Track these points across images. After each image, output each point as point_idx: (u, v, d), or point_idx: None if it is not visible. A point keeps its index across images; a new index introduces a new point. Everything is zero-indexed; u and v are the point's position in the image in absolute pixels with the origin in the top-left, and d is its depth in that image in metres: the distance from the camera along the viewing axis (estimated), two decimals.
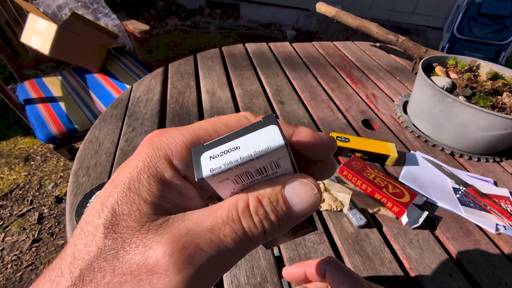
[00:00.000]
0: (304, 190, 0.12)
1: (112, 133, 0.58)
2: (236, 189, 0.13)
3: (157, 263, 0.10)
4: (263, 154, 0.11)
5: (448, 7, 2.48)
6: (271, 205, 0.12)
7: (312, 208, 0.13)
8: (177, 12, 3.06)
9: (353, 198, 0.46)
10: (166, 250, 0.10)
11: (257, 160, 0.12)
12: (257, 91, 0.75)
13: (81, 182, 0.47)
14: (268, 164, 0.12)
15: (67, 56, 1.12)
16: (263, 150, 0.11)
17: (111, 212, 0.11)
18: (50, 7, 1.18)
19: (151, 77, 0.78)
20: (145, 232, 0.11)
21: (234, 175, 0.12)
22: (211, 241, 0.11)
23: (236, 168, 0.11)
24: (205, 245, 0.11)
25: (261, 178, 0.13)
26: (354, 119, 0.68)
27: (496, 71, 0.64)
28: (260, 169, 0.12)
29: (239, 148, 0.12)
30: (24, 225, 1.15)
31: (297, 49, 1.01)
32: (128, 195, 0.12)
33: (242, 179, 0.12)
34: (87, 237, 0.11)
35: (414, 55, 0.88)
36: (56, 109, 1.03)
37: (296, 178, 0.13)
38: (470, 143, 0.57)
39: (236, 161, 0.11)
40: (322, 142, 0.14)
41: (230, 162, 0.11)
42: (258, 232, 0.12)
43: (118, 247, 0.11)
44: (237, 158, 0.11)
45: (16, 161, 1.41)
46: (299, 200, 0.12)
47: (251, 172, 0.12)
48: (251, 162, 0.11)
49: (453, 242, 0.43)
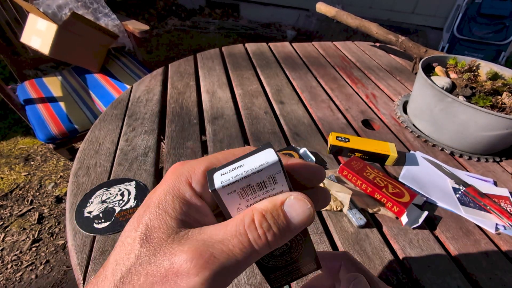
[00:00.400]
0: (299, 206, 0.15)
1: (112, 133, 0.58)
2: (241, 204, 0.15)
3: (181, 267, 0.13)
4: (262, 168, 0.14)
5: (448, 7, 2.48)
6: (273, 219, 0.14)
7: (308, 221, 0.15)
8: (177, 12, 3.06)
9: (353, 198, 0.46)
10: (187, 257, 0.13)
11: (258, 174, 0.14)
12: (257, 91, 0.75)
13: (81, 182, 0.47)
14: (267, 179, 0.15)
15: (67, 56, 1.12)
16: (262, 165, 0.14)
17: (145, 227, 0.14)
18: (50, 7, 1.18)
19: (151, 77, 0.78)
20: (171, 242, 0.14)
21: (239, 187, 0.14)
22: (222, 251, 0.13)
23: (241, 180, 0.14)
24: (218, 254, 0.13)
25: (262, 193, 0.15)
26: (354, 119, 0.68)
27: (496, 71, 0.64)
28: (261, 184, 0.15)
29: (243, 166, 0.14)
30: (24, 225, 1.15)
31: (297, 49, 1.01)
32: (158, 213, 0.15)
33: (246, 193, 0.15)
34: (127, 247, 0.14)
35: (414, 55, 0.88)
36: (56, 109, 1.03)
37: (292, 195, 0.15)
38: (470, 143, 0.57)
39: (241, 174, 0.14)
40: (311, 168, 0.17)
41: (236, 175, 0.14)
42: (262, 243, 0.14)
43: (151, 254, 0.14)
44: (241, 172, 0.14)
45: (16, 161, 1.41)
46: (296, 214, 0.15)
47: (254, 186, 0.15)
48: (253, 175, 0.14)
49: (453, 242, 0.43)
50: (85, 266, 0.36)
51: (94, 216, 0.42)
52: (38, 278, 1.00)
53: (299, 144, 0.59)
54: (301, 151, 0.53)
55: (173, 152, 0.54)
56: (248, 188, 0.15)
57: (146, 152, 0.54)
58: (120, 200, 0.44)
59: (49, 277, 1.01)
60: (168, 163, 0.52)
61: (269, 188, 0.15)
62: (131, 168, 0.50)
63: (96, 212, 0.42)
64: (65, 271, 1.03)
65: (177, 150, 0.55)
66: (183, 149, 0.55)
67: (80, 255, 0.37)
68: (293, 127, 0.63)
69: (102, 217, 0.42)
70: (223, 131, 0.60)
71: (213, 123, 0.62)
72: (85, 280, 0.35)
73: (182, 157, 0.53)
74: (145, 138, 0.57)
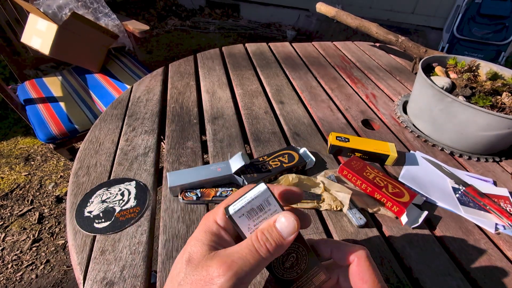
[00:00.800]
0: (286, 221, 0.22)
1: (112, 133, 0.58)
2: (250, 224, 0.22)
3: (213, 273, 0.19)
4: (257, 195, 0.22)
5: (448, 7, 2.48)
6: (269, 233, 0.21)
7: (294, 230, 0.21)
8: (177, 12, 3.07)
9: (352, 198, 0.46)
10: (216, 266, 0.20)
11: (256, 199, 0.22)
12: (257, 91, 0.75)
13: (81, 182, 0.47)
14: (263, 202, 0.22)
15: (67, 56, 1.12)
16: (257, 193, 0.22)
17: (188, 254, 0.21)
18: (51, 7, 1.18)
19: (151, 77, 0.78)
20: (205, 260, 0.20)
21: (246, 211, 0.22)
22: (239, 258, 0.20)
23: (245, 205, 0.22)
24: (236, 260, 0.20)
25: (262, 213, 0.22)
26: (354, 119, 0.68)
27: (496, 71, 0.64)
28: (260, 206, 0.22)
29: (245, 197, 0.22)
30: (25, 225, 1.15)
31: (297, 49, 1.01)
32: (195, 243, 0.22)
33: (251, 215, 0.22)
34: (178, 269, 0.21)
35: (414, 55, 0.88)
36: (56, 109, 1.03)
37: (281, 215, 0.22)
38: (470, 143, 0.57)
39: (245, 202, 0.22)
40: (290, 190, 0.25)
41: (242, 203, 0.22)
42: (265, 250, 0.21)
43: (193, 269, 0.20)
44: (245, 201, 0.22)
45: (17, 161, 1.41)
46: (285, 227, 0.21)
47: (255, 209, 0.22)
48: (252, 201, 0.22)
49: (452, 241, 0.43)
50: (85, 265, 0.36)
51: (94, 215, 0.42)
52: (38, 277, 1.01)
53: (299, 144, 0.59)
54: (301, 151, 0.53)
55: (173, 152, 0.54)
56: (252, 211, 0.22)
57: (146, 152, 0.54)
58: (120, 200, 0.44)
59: (50, 277, 1.01)
60: (168, 163, 0.52)
61: (266, 209, 0.22)
62: (131, 168, 0.50)
63: (96, 211, 0.42)
64: (66, 271, 1.03)
65: (177, 150, 0.55)
66: (183, 149, 0.55)
67: (81, 255, 0.37)
68: (293, 127, 0.63)
69: (102, 217, 0.42)
70: (223, 131, 0.60)
71: (213, 123, 0.63)
72: (85, 279, 0.35)
73: (182, 157, 0.53)
74: (145, 138, 0.57)
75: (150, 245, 0.39)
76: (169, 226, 0.41)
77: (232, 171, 0.47)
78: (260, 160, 0.50)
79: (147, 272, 0.36)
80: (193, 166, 0.51)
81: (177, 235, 0.40)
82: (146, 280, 0.35)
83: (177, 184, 0.44)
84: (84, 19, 1.09)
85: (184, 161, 0.53)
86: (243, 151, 0.54)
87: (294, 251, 0.24)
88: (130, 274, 0.35)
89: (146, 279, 0.35)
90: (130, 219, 0.42)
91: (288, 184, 0.47)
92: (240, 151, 0.48)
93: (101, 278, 0.35)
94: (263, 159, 0.50)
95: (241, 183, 0.47)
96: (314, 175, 0.51)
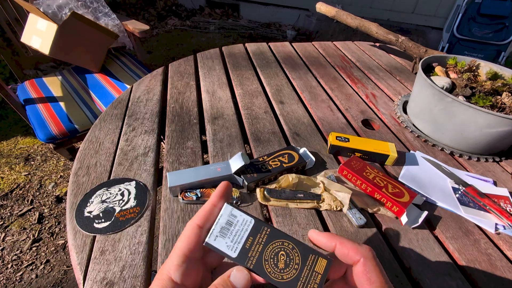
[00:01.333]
0: (239, 275, 0.22)
1: (112, 133, 0.58)
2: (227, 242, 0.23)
3: None
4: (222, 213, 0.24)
5: (448, 7, 2.48)
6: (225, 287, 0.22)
7: (247, 283, 0.22)
8: (177, 12, 3.06)
9: (352, 198, 0.46)
10: None
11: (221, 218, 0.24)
12: (257, 91, 0.75)
13: (81, 182, 0.47)
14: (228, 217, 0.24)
15: (67, 56, 1.12)
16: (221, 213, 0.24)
17: None
18: (50, 7, 1.18)
19: (151, 77, 0.78)
20: None
21: (218, 231, 0.23)
22: None
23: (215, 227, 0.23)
24: None
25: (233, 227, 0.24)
26: (354, 119, 0.68)
27: (496, 71, 0.64)
28: (228, 222, 0.24)
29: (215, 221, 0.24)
30: (25, 225, 1.15)
31: (297, 49, 1.01)
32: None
33: (224, 233, 0.23)
34: None
35: (414, 55, 0.88)
36: (56, 109, 1.03)
37: (234, 269, 0.23)
38: (470, 143, 0.57)
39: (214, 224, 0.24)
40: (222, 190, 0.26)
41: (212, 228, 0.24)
42: None
43: None
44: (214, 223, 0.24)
45: (17, 161, 1.41)
46: (239, 280, 0.22)
47: (225, 226, 0.24)
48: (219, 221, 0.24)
49: (452, 241, 0.43)
50: (85, 265, 0.36)
51: (94, 216, 0.42)
52: (38, 277, 1.01)
53: (299, 144, 0.59)
54: (301, 151, 0.53)
55: (173, 152, 0.54)
56: (223, 229, 0.23)
57: (146, 152, 0.54)
58: (120, 200, 0.44)
59: (49, 277, 1.01)
60: (168, 163, 0.52)
61: (235, 221, 0.24)
62: (131, 168, 0.50)
63: (96, 212, 0.42)
64: (65, 271, 1.03)
65: (177, 150, 0.55)
66: (183, 149, 0.55)
67: (80, 255, 0.37)
68: (293, 127, 0.63)
69: (102, 217, 0.42)
70: (223, 131, 0.60)
71: (213, 123, 0.63)
72: (85, 279, 0.35)
73: (182, 157, 0.53)
74: (145, 138, 0.57)
75: (150, 245, 0.39)
76: (169, 226, 0.41)
77: (232, 171, 0.47)
78: (260, 160, 0.50)
79: (147, 272, 0.36)
80: (193, 166, 0.51)
81: (177, 235, 0.40)
82: (146, 280, 0.35)
83: (177, 184, 0.44)
84: (84, 19, 1.09)
85: (184, 161, 0.53)
86: (243, 151, 0.54)
87: (280, 249, 0.23)
88: (130, 274, 0.35)
89: (146, 279, 0.35)
90: (130, 219, 0.42)
91: (288, 184, 0.47)
92: (240, 151, 0.48)
93: (101, 278, 0.35)
94: (263, 159, 0.50)
95: (241, 183, 0.47)
96: (314, 175, 0.51)
